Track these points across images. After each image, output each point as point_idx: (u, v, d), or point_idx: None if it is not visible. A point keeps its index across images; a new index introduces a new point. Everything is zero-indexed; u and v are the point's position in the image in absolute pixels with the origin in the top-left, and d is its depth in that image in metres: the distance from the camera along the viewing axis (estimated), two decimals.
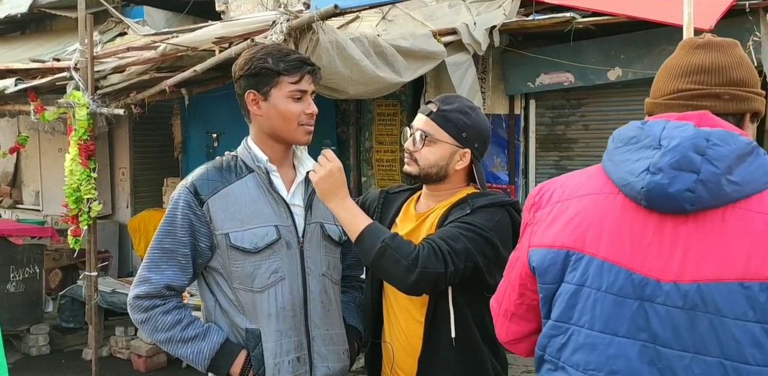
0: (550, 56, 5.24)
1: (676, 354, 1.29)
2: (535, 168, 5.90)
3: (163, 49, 4.06)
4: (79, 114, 4.25)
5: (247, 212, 1.98)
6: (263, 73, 1.96)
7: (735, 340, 1.25)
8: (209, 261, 2.00)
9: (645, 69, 4.86)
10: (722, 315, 1.26)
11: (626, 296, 1.33)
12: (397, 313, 2.07)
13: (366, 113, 6.60)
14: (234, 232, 1.96)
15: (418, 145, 2.03)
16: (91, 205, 4.39)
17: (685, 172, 1.28)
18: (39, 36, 7.98)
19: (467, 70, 4.73)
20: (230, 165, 2.05)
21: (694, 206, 1.28)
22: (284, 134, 2.02)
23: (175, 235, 1.96)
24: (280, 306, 1.98)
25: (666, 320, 1.30)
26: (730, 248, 1.27)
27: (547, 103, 5.77)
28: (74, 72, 4.35)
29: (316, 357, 2.04)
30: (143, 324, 1.99)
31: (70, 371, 5.45)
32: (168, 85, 4.15)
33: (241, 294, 1.98)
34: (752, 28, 4.54)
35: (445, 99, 2.07)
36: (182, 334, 1.96)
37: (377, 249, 1.81)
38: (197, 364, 1.98)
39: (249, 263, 1.96)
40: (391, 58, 4.14)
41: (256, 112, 2.00)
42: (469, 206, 1.96)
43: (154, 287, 1.96)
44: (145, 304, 1.97)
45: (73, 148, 4.32)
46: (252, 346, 1.97)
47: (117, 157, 7.73)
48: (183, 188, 2.00)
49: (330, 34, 3.70)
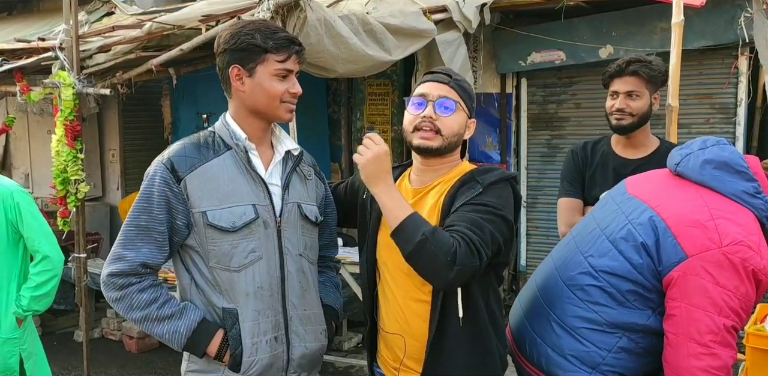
0: (542, 34, 5.20)
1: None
2: (527, 147, 5.89)
3: (149, 27, 4.00)
4: (65, 94, 4.19)
5: (224, 190, 1.94)
6: (250, 48, 1.92)
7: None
8: (186, 239, 1.97)
9: (637, 47, 4.82)
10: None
11: None
12: (395, 292, 2.04)
13: (357, 93, 6.55)
14: (212, 210, 1.92)
15: (446, 112, 1.96)
16: (78, 186, 4.35)
17: None
18: (26, 17, 7.88)
19: (458, 49, 4.69)
20: (208, 141, 2.01)
21: None
22: (267, 111, 1.99)
23: (151, 212, 1.92)
24: (257, 286, 1.97)
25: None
26: None
27: (539, 81, 5.74)
28: (59, 52, 4.28)
29: (294, 337, 2.04)
30: (117, 302, 1.94)
31: (62, 353, 5.45)
32: (154, 65, 4.09)
33: (218, 273, 1.95)
34: (744, 5, 4.53)
35: (448, 69, 2.07)
36: (158, 312, 1.93)
37: (417, 241, 1.77)
38: (173, 343, 1.95)
39: (226, 242, 1.93)
40: (380, 36, 4.10)
41: (239, 88, 1.96)
42: (478, 183, 1.92)
43: (129, 265, 1.92)
44: (119, 282, 1.92)
45: (59, 128, 4.26)
46: (229, 326, 1.94)
47: (106, 138, 7.66)
48: (159, 163, 1.95)
49: (318, 11, 3.65)
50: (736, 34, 4.61)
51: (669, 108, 2.68)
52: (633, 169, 2.73)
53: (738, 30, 4.59)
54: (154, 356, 5.37)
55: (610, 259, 1.92)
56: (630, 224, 1.92)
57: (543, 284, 2.12)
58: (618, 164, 2.81)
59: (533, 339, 2.04)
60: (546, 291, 2.08)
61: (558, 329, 1.97)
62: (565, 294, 2.00)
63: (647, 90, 2.69)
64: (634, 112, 2.69)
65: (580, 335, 1.93)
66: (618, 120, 2.71)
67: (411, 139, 2.00)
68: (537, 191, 5.89)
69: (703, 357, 1.74)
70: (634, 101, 2.69)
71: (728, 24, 4.64)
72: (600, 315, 1.91)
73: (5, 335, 3.13)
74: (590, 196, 2.85)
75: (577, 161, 2.92)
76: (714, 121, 5.07)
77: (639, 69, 2.66)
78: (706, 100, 5.06)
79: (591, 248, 2.00)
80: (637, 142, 2.79)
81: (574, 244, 2.09)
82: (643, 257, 1.86)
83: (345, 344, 5.40)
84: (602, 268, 1.93)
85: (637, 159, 2.80)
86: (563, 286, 2.01)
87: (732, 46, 4.78)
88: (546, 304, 2.05)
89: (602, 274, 1.93)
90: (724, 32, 4.67)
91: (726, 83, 4.97)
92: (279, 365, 2.02)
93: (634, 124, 2.72)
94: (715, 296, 1.74)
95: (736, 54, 4.87)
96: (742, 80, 4.91)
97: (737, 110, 4.97)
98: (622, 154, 2.83)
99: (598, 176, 2.85)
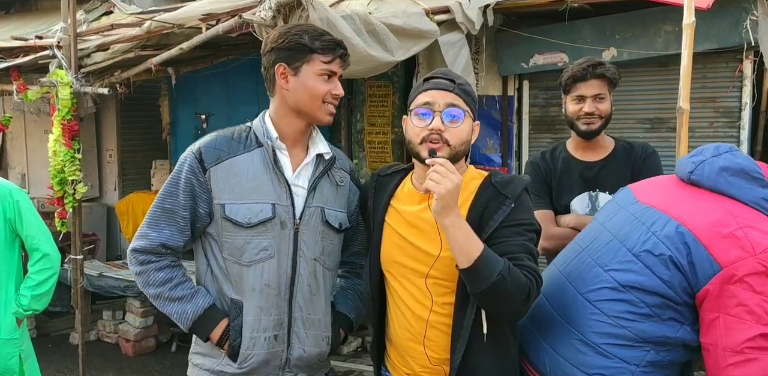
0: (545, 36, 5.14)
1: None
2: (528, 150, 5.81)
3: (149, 26, 3.95)
4: (63, 93, 4.14)
5: (246, 186, 2.00)
6: (297, 47, 1.97)
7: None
8: (207, 227, 2.04)
9: (641, 49, 4.79)
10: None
11: None
12: (407, 303, 1.97)
13: (357, 94, 6.50)
14: (230, 204, 1.98)
15: (455, 123, 1.89)
16: (76, 187, 4.29)
17: None
18: (24, 15, 7.85)
19: (461, 50, 4.64)
20: (241, 136, 2.07)
21: None
22: (308, 111, 2.03)
23: (177, 196, 2.01)
24: (264, 283, 2.01)
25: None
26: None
27: (541, 84, 5.66)
28: (57, 50, 4.24)
29: (294, 338, 2.07)
30: (138, 276, 2.06)
31: (57, 355, 5.40)
32: (153, 64, 4.05)
33: (230, 265, 2.02)
34: (749, 7, 4.49)
35: (447, 72, 2.00)
36: (171, 292, 2.02)
37: (494, 281, 1.72)
38: (180, 323, 2.05)
39: (240, 236, 1.99)
40: (383, 37, 4.05)
41: (283, 86, 2.01)
42: (508, 198, 1.89)
43: (150, 244, 2.02)
44: (141, 258, 2.03)
45: (56, 128, 4.21)
46: (233, 316, 2.02)
47: (104, 138, 7.61)
48: (190, 152, 2.03)
49: (320, 11, 3.60)
50: (741, 37, 4.56)
51: (680, 111, 2.64)
52: (598, 171, 2.78)
53: (743, 33, 4.54)
54: (150, 359, 5.31)
55: (638, 274, 1.84)
56: (654, 237, 1.84)
57: (557, 299, 2.03)
58: (582, 168, 2.81)
59: (553, 358, 1.95)
60: (563, 306, 1.99)
61: (582, 347, 1.89)
62: (587, 310, 1.91)
63: (609, 92, 2.73)
64: (603, 114, 2.72)
65: (608, 352, 1.85)
66: (588, 124, 2.72)
67: (418, 152, 1.92)
68: None
69: (743, 365, 1.69)
70: (602, 104, 2.71)
71: (733, 27, 4.59)
72: (629, 330, 1.84)
73: (5, 336, 3.10)
74: (560, 205, 2.83)
75: (540, 172, 2.88)
76: (718, 125, 5.02)
77: (605, 72, 2.69)
78: (710, 103, 5.01)
79: (611, 261, 1.92)
80: (597, 144, 2.81)
81: (587, 256, 2.01)
82: (672, 271, 1.79)
83: (344, 349, 5.35)
84: (629, 282, 1.85)
85: (599, 161, 2.80)
86: (584, 301, 1.93)
87: (737, 50, 4.71)
88: (564, 320, 1.96)
89: (629, 289, 1.85)
90: (728, 35, 4.62)
91: (730, 87, 4.92)
92: (276, 363, 2.06)
93: (602, 127, 2.75)
94: (752, 304, 1.69)
95: (740, 57, 4.81)
96: (747, 84, 4.85)
97: (741, 114, 4.91)
98: (583, 158, 2.84)
99: (564, 184, 2.84)
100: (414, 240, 1.95)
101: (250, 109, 5.60)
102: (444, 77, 1.95)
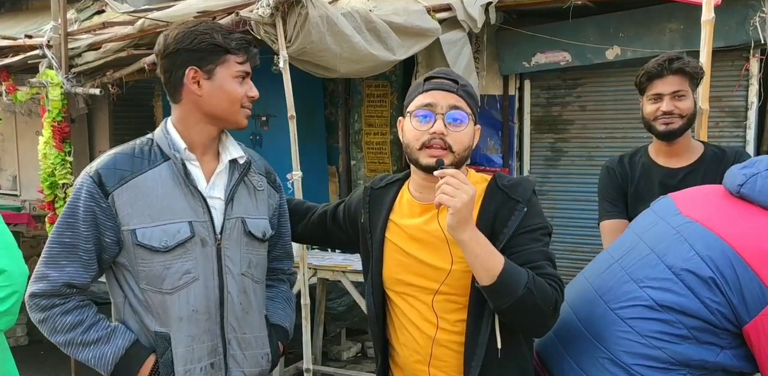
0: (547, 34, 5.04)
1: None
2: (530, 151, 5.73)
3: (141, 24, 3.84)
4: (53, 94, 4.01)
5: (157, 206, 1.79)
6: (210, 48, 1.78)
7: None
8: (116, 256, 1.82)
9: (645, 48, 4.69)
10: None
11: None
12: (414, 321, 1.83)
13: (355, 94, 6.39)
14: (141, 228, 1.77)
15: (458, 127, 1.74)
16: (67, 190, 4.17)
17: None
18: (15, 15, 7.75)
19: (462, 49, 4.55)
20: (144, 151, 1.85)
21: None
22: (225, 116, 1.85)
23: (76, 228, 1.77)
24: (192, 309, 1.81)
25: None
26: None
27: (543, 83, 5.58)
28: (47, 49, 4.11)
29: (231, 361, 1.90)
30: (42, 324, 1.79)
31: (49, 362, 5.27)
32: (147, 63, 3.92)
33: (150, 295, 1.80)
34: (758, 5, 4.42)
35: (450, 72, 1.83)
36: (83, 337, 1.78)
37: (520, 295, 1.59)
38: (100, 369, 1.81)
39: (158, 262, 1.78)
40: (384, 35, 3.95)
41: (195, 92, 1.81)
42: (519, 202, 1.75)
43: (53, 285, 1.77)
44: (42, 303, 1.77)
45: (46, 130, 4.09)
46: (161, 351, 1.81)
47: (97, 140, 7.48)
48: (86, 176, 1.80)
49: (320, 8, 3.50)
50: (747, 35, 4.48)
51: (699, 111, 2.53)
52: (681, 179, 2.52)
53: (750, 31, 4.46)
54: None
55: (677, 294, 1.67)
56: (698, 256, 1.66)
57: (585, 312, 1.88)
58: (663, 175, 2.56)
59: (578, 375, 1.81)
60: (591, 321, 1.84)
61: (611, 366, 1.74)
62: (618, 327, 1.75)
63: (690, 89, 2.50)
64: (684, 113, 2.47)
65: (640, 373, 1.70)
66: (667, 125, 2.49)
67: (417, 158, 1.76)
68: (540, 195, 5.70)
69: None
70: (682, 102, 2.47)
71: (739, 25, 4.51)
72: (664, 352, 1.68)
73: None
74: (635, 213, 2.50)
75: (615, 178, 2.65)
76: (724, 125, 4.93)
77: (683, 66, 2.45)
78: (715, 103, 4.90)
79: (647, 277, 1.75)
80: (682, 148, 2.56)
81: (620, 268, 1.85)
82: (716, 295, 1.62)
83: (344, 354, 5.24)
84: (666, 302, 1.69)
85: (683, 167, 2.56)
86: (614, 317, 1.77)
87: (743, 48, 4.63)
88: (593, 336, 1.81)
89: (666, 309, 1.69)
90: (735, 33, 4.54)
91: (736, 86, 4.84)
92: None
93: (683, 127, 2.49)
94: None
95: (747, 56, 4.73)
96: (753, 83, 4.77)
97: (748, 114, 4.83)
98: (666, 164, 2.59)
99: (643, 192, 2.58)
100: (420, 255, 1.80)
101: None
102: (446, 77, 1.79)
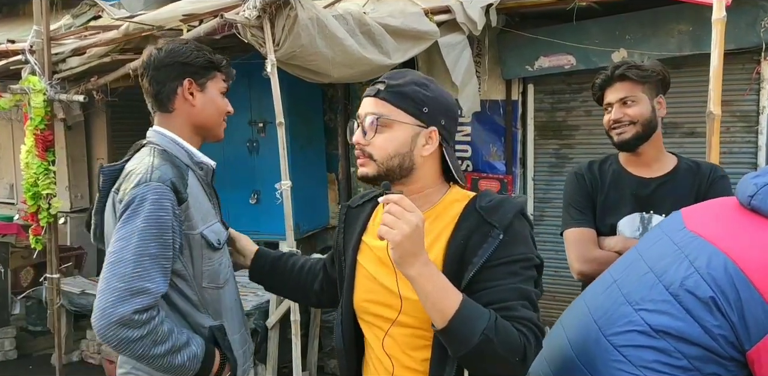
0: (551, 37, 4.89)
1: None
2: (534, 157, 5.58)
3: (126, 28, 3.69)
4: (35, 101, 3.86)
5: (204, 210, 1.96)
6: (204, 64, 1.97)
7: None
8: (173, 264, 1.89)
9: (652, 50, 4.53)
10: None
11: None
12: (379, 356, 1.67)
13: (355, 100, 6.24)
14: (206, 229, 1.93)
15: (369, 134, 1.58)
16: (51, 201, 4.01)
17: None
18: (11, 20, 7.65)
19: (462, 52, 4.38)
20: (174, 161, 1.95)
21: None
22: (212, 127, 2.03)
23: (161, 237, 1.79)
24: (233, 298, 2.05)
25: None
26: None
27: (547, 87, 5.43)
28: (29, 55, 3.97)
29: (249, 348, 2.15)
30: (139, 341, 1.71)
31: None
32: (132, 69, 3.78)
33: (208, 292, 1.95)
34: (767, 6, 4.25)
35: (393, 75, 1.64)
36: (178, 341, 1.79)
37: (477, 343, 1.38)
38: (190, 369, 1.81)
39: (216, 259, 1.96)
40: (378, 38, 3.79)
41: (190, 102, 1.97)
42: (495, 228, 1.54)
43: (153, 297, 1.75)
44: (144, 317, 1.72)
45: (29, 138, 3.94)
46: (221, 341, 1.94)
47: (94, 147, 7.37)
48: (162, 186, 1.81)
49: (310, 10, 3.34)
50: (758, 38, 4.33)
51: (710, 116, 2.36)
52: (655, 190, 2.37)
53: (761, 33, 4.31)
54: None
55: (674, 318, 1.48)
56: (697, 273, 1.48)
57: (579, 340, 1.69)
58: (635, 185, 2.41)
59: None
60: (584, 349, 1.65)
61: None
62: (609, 356, 1.56)
63: (644, 94, 2.34)
64: (634, 119, 2.33)
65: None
66: (619, 134, 2.36)
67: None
68: (545, 203, 5.58)
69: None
70: (630, 108, 2.34)
71: (750, 26, 4.36)
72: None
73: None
74: (603, 224, 2.44)
75: (584, 185, 2.49)
76: (734, 130, 4.77)
77: (626, 72, 2.33)
78: (725, 107, 4.69)
79: (644, 299, 1.56)
80: (650, 159, 2.41)
81: (617, 289, 1.66)
82: (717, 318, 1.42)
83: None
84: (662, 327, 1.48)
85: (656, 178, 2.41)
86: (607, 344, 1.57)
87: (754, 51, 4.48)
88: (583, 364, 1.62)
89: (662, 334, 1.48)
90: (745, 35, 4.39)
91: (747, 90, 4.68)
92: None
93: (638, 135, 2.34)
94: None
95: (758, 59, 4.58)
96: (765, 86, 4.64)
97: (759, 118, 4.68)
98: (638, 173, 2.45)
99: (612, 201, 2.44)
100: (386, 281, 1.63)
101: (243, 114, 5.38)
102: (379, 80, 1.64)
